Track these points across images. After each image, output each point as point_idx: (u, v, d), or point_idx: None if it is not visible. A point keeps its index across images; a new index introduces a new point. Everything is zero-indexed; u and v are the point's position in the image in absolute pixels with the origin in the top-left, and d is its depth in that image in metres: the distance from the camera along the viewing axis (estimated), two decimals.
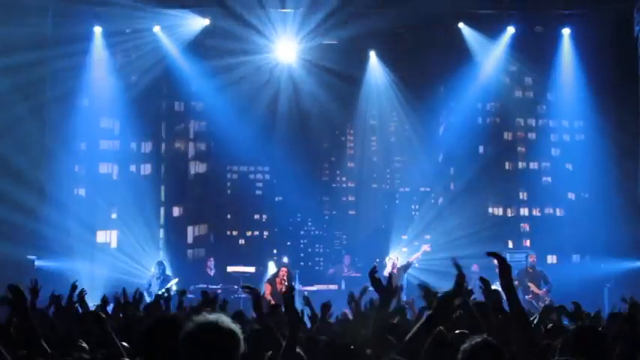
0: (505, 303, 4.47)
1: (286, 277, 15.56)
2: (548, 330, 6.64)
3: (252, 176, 21.96)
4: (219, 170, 21.43)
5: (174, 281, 16.52)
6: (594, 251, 19.41)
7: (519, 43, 19.18)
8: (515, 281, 15.37)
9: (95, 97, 19.08)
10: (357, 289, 8.15)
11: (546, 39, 19.35)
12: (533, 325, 6.26)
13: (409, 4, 17.20)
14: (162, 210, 20.83)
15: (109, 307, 9.27)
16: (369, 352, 4.42)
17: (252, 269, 18.68)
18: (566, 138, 21.10)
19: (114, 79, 18.93)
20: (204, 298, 8.66)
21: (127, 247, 18.93)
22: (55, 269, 17.16)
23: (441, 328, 4.33)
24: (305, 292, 16.93)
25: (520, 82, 20.81)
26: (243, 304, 15.58)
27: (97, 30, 18.52)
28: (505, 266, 4.08)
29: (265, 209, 21.70)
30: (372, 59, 19.86)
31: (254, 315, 5.66)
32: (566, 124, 21.05)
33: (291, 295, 4.47)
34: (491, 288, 5.34)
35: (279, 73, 19.65)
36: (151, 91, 19.29)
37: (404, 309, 8.92)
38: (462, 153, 20.68)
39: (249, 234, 21.67)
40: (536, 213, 21.16)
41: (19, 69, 16.50)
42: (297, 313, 4.54)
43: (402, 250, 19.20)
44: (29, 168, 16.76)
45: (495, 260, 4.16)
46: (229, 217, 21.55)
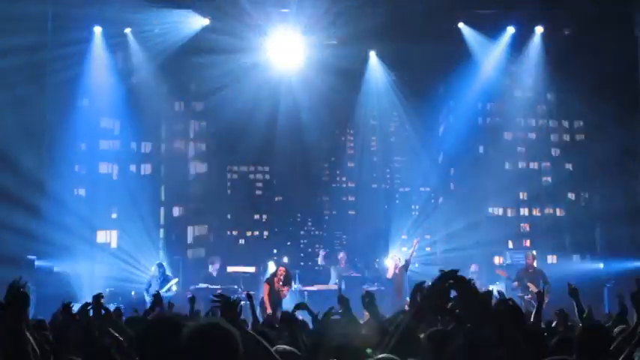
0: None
1: (284, 276, 15.56)
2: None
3: (252, 176, 22.00)
4: (219, 170, 21.44)
5: (174, 281, 16.53)
6: (594, 251, 19.43)
7: (519, 43, 19.20)
8: (515, 281, 15.52)
9: (95, 97, 19.08)
10: (357, 289, 8.16)
11: (546, 39, 19.37)
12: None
13: (409, 3, 17.22)
14: (162, 210, 20.84)
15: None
16: (369, 351, 4.43)
17: (252, 269, 18.67)
18: (566, 138, 21.13)
19: (114, 79, 18.93)
20: (223, 302, 7.53)
21: (127, 247, 18.93)
22: (55, 269, 17.19)
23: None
24: (305, 292, 16.98)
25: (520, 82, 20.81)
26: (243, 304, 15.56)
27: (97, 30, 18.52)
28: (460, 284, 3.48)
29: (265, 209, 21.72)
30: (372, 59, 19.86)
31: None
32: (566, 124, 21.07)
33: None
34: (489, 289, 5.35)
35: (279, 73, 19.64)
36: (151, 91, 19.29)
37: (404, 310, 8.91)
38: (462, 153, 20.70)
39: (249, 234, 21.70)
40: (536, 213, 21.18)
41: (19, 69, 16.51)
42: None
43: (401, 250, 19.19)
44: (29, 168, 16.76)
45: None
46: (229, 217, 21.56)
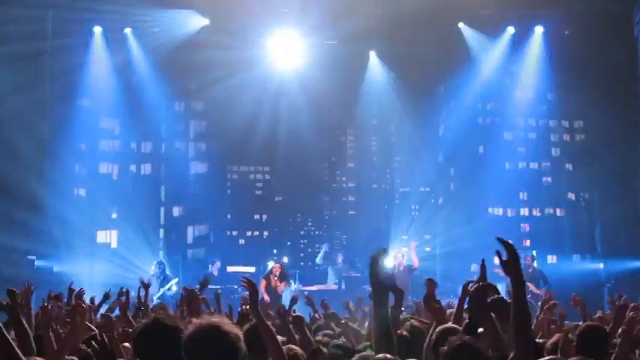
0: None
1: (279, 272, 15.64)
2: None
3: (252, 176, 21.99)
4: (219, 170, 21.43)
5: (174, 281, 16.53)
6: (594, 251, 19.42)
7: (519, 43, 19.20)
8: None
9: (95, 97, 19.08)
10: (357, 289, 8.16)
11: (546, 39, 19.37)
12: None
13: (410, 3, 17.21)
14: (162, 210, 20.84)
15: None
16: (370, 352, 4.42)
17: (252, 269, 18.68)
18: (566, 138, 21.12)
19: (114, 79, 18.92)
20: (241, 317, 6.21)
21: (127, 247, 18.92)
22: (55, 269, 17.18)
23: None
24: (305, 292, 16.98)
25: (520, 82, 20.79)
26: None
27: (97, 30, 18.52)
28: (513, 255, 3.96)
29: (265, 209, 21.71)
30: (372, 59, 19.86)
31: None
32: (566, 124, 21.06)
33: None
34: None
35: (279, 73, 19.64)
36: (151, 91, 19.28)
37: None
38: (462, 153, 20.69)
39: (249, 234, 21.69)
40: (536, 213, 21.17)
41: (19, 69, 16.51)
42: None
43: (402, 250, 19.17)
44: (29, 168, 16.76)
45: (504, 249, 4.03)
46: (229, 217, 21.56)
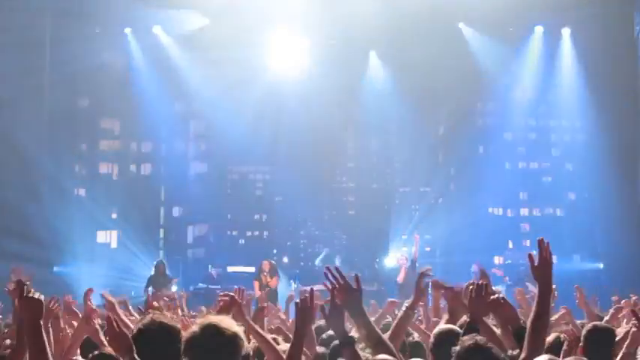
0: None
1: (269, 268, 15.67)
2: None
3: (252, 176, 21.98)
4: (219, 170, 21.42)
5: (174, 281, 16.51)
6: (594, 251, 19.42)
7: (520, 43, 19.21)
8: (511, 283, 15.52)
9: (95, 97, 19.09)
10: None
11: (546, 39, 19.38)
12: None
13: (410, 3, 17.21)
14: (163, 210, 20.84)
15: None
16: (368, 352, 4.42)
17: (252, 269, 18.65)
18: (566, 138, 21.12)
19: (114, 79, 18.93)
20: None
21: (127, 247, 18.93)
22: (55, 269, 17.19)
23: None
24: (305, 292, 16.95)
25: (520, 82, 20.79)
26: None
27: (97, 30, 18.53)
28: (546, 261, 4.14)
29: (265, 209, 21.70)
30: (372, 59, 19.86)
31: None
32: (566, 124, 21.06)
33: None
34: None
35: (279, 73, 19.64)
36: (151, 91, 19.28)
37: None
38: (462, 153, 20.69)
39: (249, 234, 21.67)
40: (536, 213, 21.17)
41: (19, 69, 16.52)
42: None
43: (402, 250, 19.15)
44: (30, 168, 16.77)
45: (539, 253, 4.15)
46: (229, 217, 21.55)
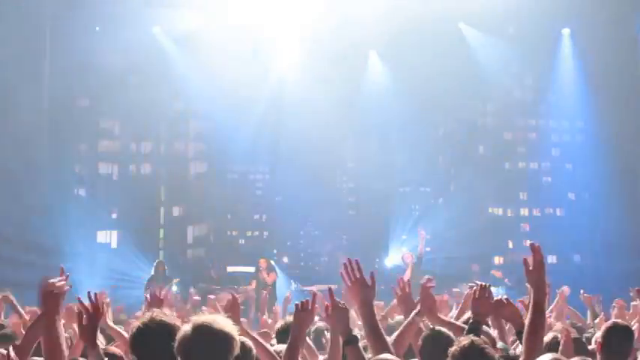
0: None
1: (266, 265, 15.89)
2: None
3: (252, 176, 21.96)
4: (219, 170, 21.41)
5: (174, 281, 16.52)
6: (594, 251, 19.41)
7: (520, 43, 19.20)
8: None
9: (96, 97, 19.08)
10: None
11: (546, 39, 19.39)
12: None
13: (410, 3, 17.22)
14: (162, 210, 20.83)
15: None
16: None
17: (252, 269, 18.65)
18: (566, 138, 21.13)
19: (117, 79, 18.92)
20: None
21: (127, 247, 18.92)
22: (55, 269, 17.13)
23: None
24: (305, 292, 16.96)
25: (520, 82, 20.80)
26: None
27: (100, 29, 18.52)
28: (539, 264, 4.13)
29: (265, 209, 21.69)
30: (372, 59, 19.85)
31: None
32: (566, 124, 21.07)
33: None
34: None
35: (279, 73, 19.64)
36: (151, 91, 19.27)
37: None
38: (462, 153, 20.68)
39: (249, 234, 21.66)
40: (536, 213, 21.17)
41: (18, 69, 16.52)
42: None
43: (401, 250, 19.15)
44: (30, 168, 16.78)
45: (533, 255, 4.18)
46: (229, 217, 21.54)
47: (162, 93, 19.68)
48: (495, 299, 4.73)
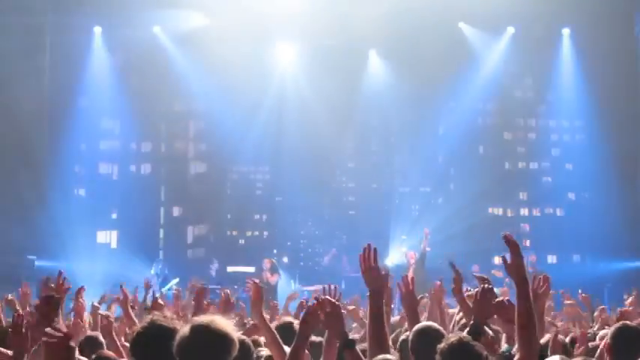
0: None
1: (270, 266, 15.84)
2: None
3: (252, 176, 21.95)
4: (219, 170, 21.40)
5: (174, 281, 16.52)
6: (594, 251, 19.41)
7: (520, 43, 19.22)
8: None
9: (95, 97, 19.08)
10: (357, 289, 8.14)
11: (546, 39, 19.39)
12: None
13: (410, 3, 17.22)
14: (162, 210, 20.83)
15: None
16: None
17: (252, 269, 18.65)
18: (566, 138, 21.13)
19: (114, 79, 18.92)
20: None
21: (127, 247, 18.92)
22: (55, 269, 17.13)
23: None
24: (305, 292, 16.96)
25: (520, 82, 20.81)
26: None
27: (97, 30, 18.53)
28: (517, 257, 4.16)
29: (265, 209, 21.68)
30: (372, 59, 19.85)
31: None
32: (566, 124, 21.07)
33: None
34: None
35: (279, 73, 19.64)
36: (151, 91, 19.28)
37: None
38: (462, 153, 20.68)
39: (249, 234, 21.65)
40: (536, 213, 21.17)
41: (19, 69, 16.52)
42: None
43: (401, 250, 19.14)
44: (30, 168, 16.78)
45: (509, 250, 4.20)
46: (229, 217, 21.53)
47: (162, 93, 19.68)
48: (497, 301, 4.69)
